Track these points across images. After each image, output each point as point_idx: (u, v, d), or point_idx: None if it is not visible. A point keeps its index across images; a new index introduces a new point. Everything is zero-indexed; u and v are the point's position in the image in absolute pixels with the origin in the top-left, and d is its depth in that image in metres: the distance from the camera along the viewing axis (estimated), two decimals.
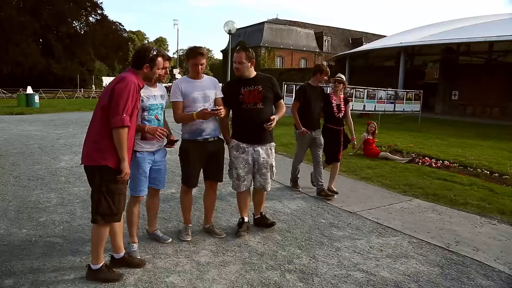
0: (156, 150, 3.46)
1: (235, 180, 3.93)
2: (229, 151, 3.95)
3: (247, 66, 3.83)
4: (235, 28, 14.55)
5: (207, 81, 3.79)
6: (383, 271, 3.32)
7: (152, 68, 3.09)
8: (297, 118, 5.38)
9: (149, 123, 3.34)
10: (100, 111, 2.86)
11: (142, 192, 3.43)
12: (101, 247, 2.96)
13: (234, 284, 3.01)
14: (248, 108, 3.82)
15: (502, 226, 4.53)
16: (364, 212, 4.82)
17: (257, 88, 3.83)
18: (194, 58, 3.61)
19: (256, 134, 3.86)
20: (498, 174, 7.27)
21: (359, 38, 58.54)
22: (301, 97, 5.36)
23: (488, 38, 23.11)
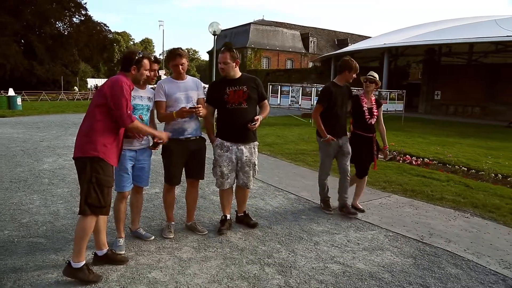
0: (139, 148, 3.56)
1: (219, 178, 4.02)
2: (213, 150, 4.05)
3: (232, 66, 3.92)
4: (219, 29, 14.60)
5: (190, 82, 3.88)
6: (359, 263, 3.45)
7: (139, 70, 3.24)
8: (321, 125, 4.65)
9: None
10: (93, 109, 3.02)
11: (125, 188, 3.54)
12: (84, 242, 2.98)
13: (214, 278, 3.11)
14: (232, 108, 3.91)
15: (474, 219, 4.72)
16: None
17: (242, 89, 3.93)
18: (173, 60, 3.72)
19: (240, 133, 3.95)
20: (475, 171, 7.51)
21: (345, 39, 59.15)
22: (326, 99, 4.62)
23: (468, 40, 23.62)
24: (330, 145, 4.69)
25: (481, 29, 24.08)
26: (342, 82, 4.73)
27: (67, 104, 26.27)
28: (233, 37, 53.81)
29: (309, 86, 16.44)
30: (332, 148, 4.73)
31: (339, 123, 4.72)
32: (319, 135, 4.78)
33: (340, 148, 4.74)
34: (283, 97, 16.77)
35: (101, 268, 3.19)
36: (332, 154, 4.78)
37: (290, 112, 18.04)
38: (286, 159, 8.23)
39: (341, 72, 4.69)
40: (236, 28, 55.24)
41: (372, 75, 4.80)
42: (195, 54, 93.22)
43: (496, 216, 4.81)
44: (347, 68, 4.62)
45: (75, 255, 2.99)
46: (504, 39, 22.09)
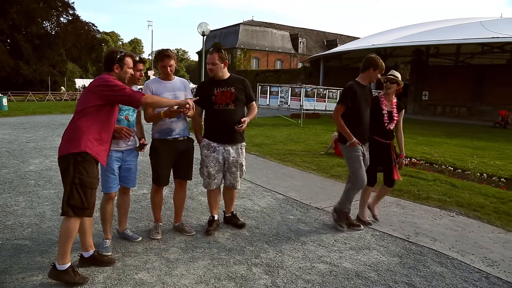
0: (125, 149, 3.55)
1: (206, 178, 4.02)
2: (200, 150, 4.04)
3: (220, 67, 3.92)
4: (208, 30, 14.59)
5: (177, 83, 3.87)
6: (346, 262, 3.48)
7: (123, 68, 3.21)
8: (344, 126, 4.10)
9: (118, 123, 3.43)
10: (80, 109, 2.99)
11: (112, 189, 3.52)
12: (69, 244, 2.95)
13: (201, 279, 3.10)
14: (220, 109, 3.91)
15: (460, 217, 4.79)
16: (331, 208, 4.97)
17: (230, 90, 3.93)
18: (161, 61, 3.72)
19: (227, 134, 3.95)
20: (461, 170, 7.63)
21: (334, 40, 59.49)
22: (349, 98, 4.14)
23: (455, 41, 23.97)
24: (358, 150, 4.12)
25: (467, 30, 24.45)
26: (366, 82, 4.28)
27: (55, 105, 25.97)
28: (223, 38, 53.74)
29: (298, 87, 16.50)
30: (360, 152, 4.14)
31: (363, 126, 4.21)
32: (342, 140, 4.23)
33: (362, 157, 4.19)
34: (272, 97, 16.82)
35: (87, 270, 3.16)
36: (360, 158, 4.14)
37: (279, 112, 18.09)
38: (274, 160, 8.25)
39: (365, 70, 4.22)
40: (226, 29, 55.19)
41: (393, 74, 4.37)
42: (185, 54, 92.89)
43: (480, 214, 4.88)
44: (372, 66, 4.16)
45: (60, 257, 2.95)
46: (490, 40, 22.48)
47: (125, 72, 3.25)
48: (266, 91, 16.98)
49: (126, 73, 3.26)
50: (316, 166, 7.62)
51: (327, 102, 16.51)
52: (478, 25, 25.19)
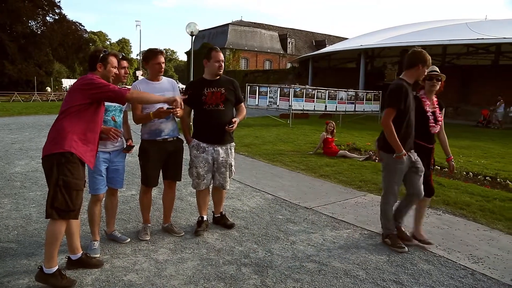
0: (112, 150, 3.52)
1: (195, 179, 4.01)
2: (190, 151, 4.02)
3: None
4: (197, 30, 14.54)
5: (165, 83, 3.85)
6: (335, 261, 3.51)
7: (106, 67, 3.17)
8: (395, 135, 3.57)
9: (105, 124, 3.41)
10: (64, 109, 2.96)
11: (99, 190, 3.48)
12: (55, 247, 2.90)
13: (191, 279, 3.10)
14: (210, 109, 3.90)
15: (446, 216, 4.86)
16: (320, 208, 5.02)
17: (220, 90, 3.92)
18: (155, 58, 3.70)
19: (217, 134, 3.95)
20: (447, 169, 7.71)
21: (322, 40, 59.85)
22: (401, 100, 3.58)
23: (441, 42, 24.30)
24: (403, 163, 3.68)
25: (453, 31, 24.83)
26: (412, 80, 3.74)
27: (41, 105, 25.61)
28: (211, 38, 53.62)
29: (287, 87, 16.54)
30: (405, 166, 3.72)
31: (412, 133, 3.76)
32: (386, 149, 3.73)
33: (413, 164, 3.77)
34: (261, 98, 16.83)
35: (75, 272, 3.13)
36: (403, 173, 3.77)
37: (268, 112, 18.12)
38: (263, 160, 8.27)
39: (412, 67, 3.68)
40: (215, 29, 55.12)
41: (436, 70, 3.89)
42: (173, 54, 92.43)
43: (466, 213, 4.96)
44: (421, 62, 3.64)
45: (46, 260, 2.91)
46: (475, 41, 22.83)
47: (109, 71, 3.20)
48: (255, 92, 16.98)
49: (110, 72, 3.21)
50: (305, 166, 7.66)
51: (316, 102, 16.58)
52: (464, 27, 25.59)
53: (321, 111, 17.48)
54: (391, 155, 3.67)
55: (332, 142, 9.14)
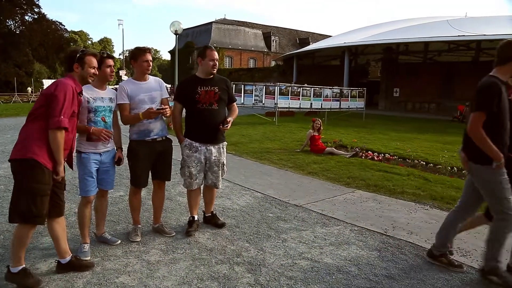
0: (103, 151, 3.48)
1: (187, 179, 3.96)
2: (182, 150, 3.99)
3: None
4: (181, 29, 14.46)
5: (152, 83, 3.81)
6: (327, 257, 3.53)
7: (83, 67, 3.08)
8: (489, 142, 2.94)
9: (95, 125, 3.38)
10: (33, 111, 2.95)
11: (90, 192, 3.43)
12: (20, 249, 2.91)
13: (184, 280, 3.08)
14: (203, 108, 3.86)
15: (433, 210, 4.95)
16: (309, 205, 5.05)
17: (214, 89, 3.89)
18: (143, 55, 3.65)
19: (210, 134, 3.92)
20: (433, 164, 7.86)
21: (306, 38, 60.12)
22: (494, 102, 2.95)
23: (423, 39, 24.71)
24: (503, 172, 3.01)
25: (435, 29, 25.26)
26: (506, 77, 3.10)
27: (22, 107, 25.04)
28: (195, 37, 53.33)
29: (272, 85, 16.57)
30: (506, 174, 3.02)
31: (507, 141, 3.08)
32: (482, 161, 3.04)
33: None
34: (246, 96, 16.82)
35: (66, 276, 3.08)
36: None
37: (254, 111, 18.11)
38: (251, 158, 8.27)
39: (507, 62, 3.05)
40: (198, 27, 54.83)
41: None
42: (157, 53, 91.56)
43: (453, 207, 4.99)
44: None
45: (12, 260, 2.93)
46: (456, 38, 23.27)
47: (87, 72, 3.10)
48: (241, 90, 16.97)
49: (87, 73, 3.11)
50: (292, 163, 7.69)
51: (301, 100, 16.66)
52: (445, 24, 26.07)
53: (306, 109, 17.57)
54: (490, 167, 2.99)
55: (319, 140, 9.20)
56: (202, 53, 3.90)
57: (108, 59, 3.46)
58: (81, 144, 3.40)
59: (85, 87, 3.35)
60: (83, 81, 3.16)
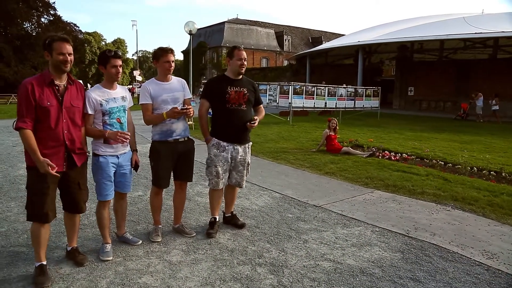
0: (121, 154, 3.44)
1: (214, 178, 3.92)
2: (209, 149, 3.96)
3: None
4: (195, 29, 14.51)
5: (175, 83, 3.79)
6: (349, 259, 3.49)
7: (52, 54, 2.91)
8: None
9: (111, 127, 3.32)
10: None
11: (108, 197, 3.43)
12: (36, 246, 3.06)
13: (207, 281, 3.07)
14: (232, 109, 3.86)
15: (456, 211, 4.85)
16: (329, 205, 5.00)
17: (243, 90, 3.90)
18: (165, 56, 3.63)
19: (238, 134, 3.92)
20: (452, 164, 7.72)
21: (319, 37, 59.83)
22: None
23: (438, 37, 24.33)
24: None
25: (450, 26, 24.86)
26: None
27: None
28: (208, 36, 53.52)
29: (286, 84, 16.51)
30: None
31: None
32: None
33: None
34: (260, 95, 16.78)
35: (89, 276, 3.10)
36: None
37: (268, 110, 18.00)
38: (267, 158, 8.24)
39: None
40: (211, 27, 54.98)
41: None
42: None
43: (475, 208, 4.96)
44: None
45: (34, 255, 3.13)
46: (472, 36, 22.88)
47: (56, 59, 2.90)
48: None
49: (57, 60, 2.90)
50: (309, 163, 7.64)
51: (315, 99, 16.56)
52: (461, 21, 25.62)
53: (321, 108, 17.46)
54: None
55: (335, 139, 9.13)
56: (230, 53, 3.92)
57: (113, 58, 3.29)
58: (98, 147, 3.34)
59: (96, 89, 3.34)
60: (57, 69, 2.97)
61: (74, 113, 3.09)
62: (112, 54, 3.30)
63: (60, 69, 2.97)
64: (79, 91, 3.18)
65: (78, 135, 3.13)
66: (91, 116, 3.27)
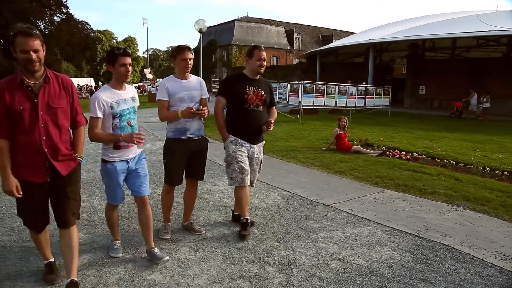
0: (131, 158, 3.25)
1: (239, 174, 3.78)
2: (227, 147, 3.89)
3: None
4: (206, 27, 14.50)
5: (193, 82, 3.78)
6: (359, 259, 3.46)
7: (16, 52, 2.52)
8: None
9: (121, 131, 3.16)
10: None
11: (119, 201, 3.41)
12: (39, 248, 3.05)
13: (215, 279, 3.07)
14: (250, 109, 3.85)
15: (467, 212, 4.79)
16: (338, 204, 4.97)
17: (260, 91, 3.90)
18: (182, 54, 3.62)
19: (254, 134, 3.93)
20: (463, 164, 7.63)
21: (329, 35, 59.49)
22: None
23: (451, 35, 24.01)
24: None
25: (463, 24, 24.48)
26: None
27: None
28: (218, 35, 53.57)
29: (296, 83, 16.45)
30: None
31: None
32: None
33: None
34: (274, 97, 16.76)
35: (99, 272, 3.13)
36: None
37: (278, 108, 17.94)
38: (277, 156, 8.22)
39: None
40: (221, 25, 55.03)
41: None
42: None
43: (487, 208, 4.88)
44: None
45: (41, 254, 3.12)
46: (486, 33, 22.51)
47: (19, 58, 2.52)
48: None
49: (20, 58, 2.51)
50: (319, 162, 7.61)
51: (325, 98, 16.47)
52: (474, 19, 25.21)
53: (331, 107, 17.36)
54: None
55: (345, 138, 9.07)
56: (250, 53, 3.88)
57: (122, 56, 3.07)
58: (106, 152, 3.18)
59: (105, 90, 3.17)
60: (25, 69, 2.58)
61: (55, 115, 2.68)
62: (120, 51, 3.09)
63: (29, 69, 2.56)
64: (62, 87, 2.75)
65: (63, 140, 2.74)
66: (100, 120, 3.07)
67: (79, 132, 2.93)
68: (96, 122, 3.07)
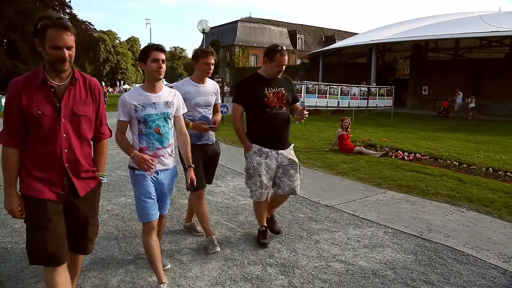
0: (160, 170, 2.85)
1: (258, 189, 3.56)
2: (250, 158, 3.60)
3: None
4: (208, 27, 14.52)
5: (210, 86, 3.67)
6: (361, 260, 3.44)
7: (44, 46, 2.07)
8: None
9: (147, 138, 2.78)
10: None
11: (151, 217, 2.80)
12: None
13: (217, 280, 3.06)
14: (273, 113, 3.52)
15: (470, 213, 4.76)
16: (341, 206, 4.95)
17: (281, 91, 3.58)
18: (206, 57, 3.46)
19: (280, 139, 3.62)
20: (466, 165, 7.59)
21: (332, 36, 59.46)
22: None
23: (454, 35, 23.97)
24: None
25: (466, 25, 24.43)
26: None
27: None
28: (221, 35, 53.61)
29: (299, 83, 16.44)
30: None
31: None
32: None
33: None
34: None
35: (100, 274, 3.12)
36: None
37: None
38: None
39: None
40: (224, 26, 55.09)
41: None
42: (182, 52, 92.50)
43: (491, 210, 4.85)
44: None
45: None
46: (488, 34, 22.45)
47: (49, 55, 2.07)
48: None
49: (50, 55, 2.07)
50: (321, 163, 7.59)
51: (328, 98, 16.46)
52: (477, 19, 25.16)
53: (333, 107, 17.34)
54: None
55: (348, 139, 9.04)
56: (270, 55, 3.48)
57: (154, 51, 2.72)
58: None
59: (134, 91, 2.86)
60: (51, 68, 2.15)
61: (79, 124, 2.24)
62: (154, 46, 2.74)
63: (55, 69, 2.14)
64: (89, 92, 2.31)
65: (84, 154, 2.31)
66: (125, 123, 2.79)
67: (102, 145, 2.49)
68: (121, 125, 2.80)
